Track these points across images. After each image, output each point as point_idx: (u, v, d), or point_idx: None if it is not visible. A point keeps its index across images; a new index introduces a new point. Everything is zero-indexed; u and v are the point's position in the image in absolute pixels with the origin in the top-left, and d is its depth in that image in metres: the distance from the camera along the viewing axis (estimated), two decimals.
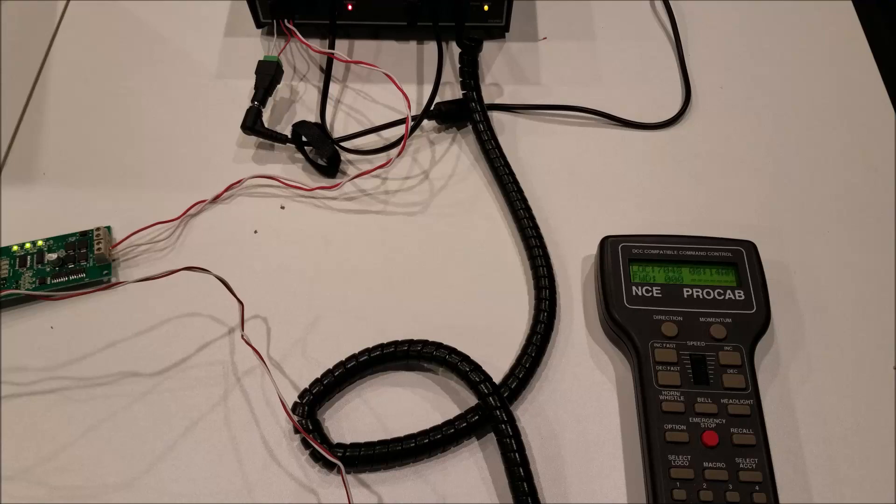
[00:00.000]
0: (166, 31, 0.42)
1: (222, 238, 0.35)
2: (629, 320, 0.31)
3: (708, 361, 0.30)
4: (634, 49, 0.41)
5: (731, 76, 0.40)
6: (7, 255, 0.33)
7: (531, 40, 0.41)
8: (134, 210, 0.35)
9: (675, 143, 0.38)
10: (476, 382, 0.30)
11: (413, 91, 0.39)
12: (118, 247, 0.34)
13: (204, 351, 0.32)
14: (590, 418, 0.31)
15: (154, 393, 0.31)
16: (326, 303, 0.33)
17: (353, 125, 0.38)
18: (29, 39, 0.42)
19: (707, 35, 0.42)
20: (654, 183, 0.37)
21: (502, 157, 0.36)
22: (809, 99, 0.39)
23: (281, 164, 0.37)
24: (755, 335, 0.31)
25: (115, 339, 0.32)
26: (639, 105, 0.39)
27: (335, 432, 0.30)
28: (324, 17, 0.39)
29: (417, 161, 0.38)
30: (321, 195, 0.36)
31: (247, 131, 0.36)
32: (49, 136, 0.38)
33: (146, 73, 0.40)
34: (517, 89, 0.40)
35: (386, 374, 0.32)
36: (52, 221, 0.35)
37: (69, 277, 0.33)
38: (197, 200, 0.35)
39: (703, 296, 0.32)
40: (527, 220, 0.35)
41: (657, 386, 0.30)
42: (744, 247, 0.33)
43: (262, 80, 0.36)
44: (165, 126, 0.38)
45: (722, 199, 0.36)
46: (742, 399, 0.29)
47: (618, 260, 0.32)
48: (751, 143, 0.38)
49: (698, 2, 0.43)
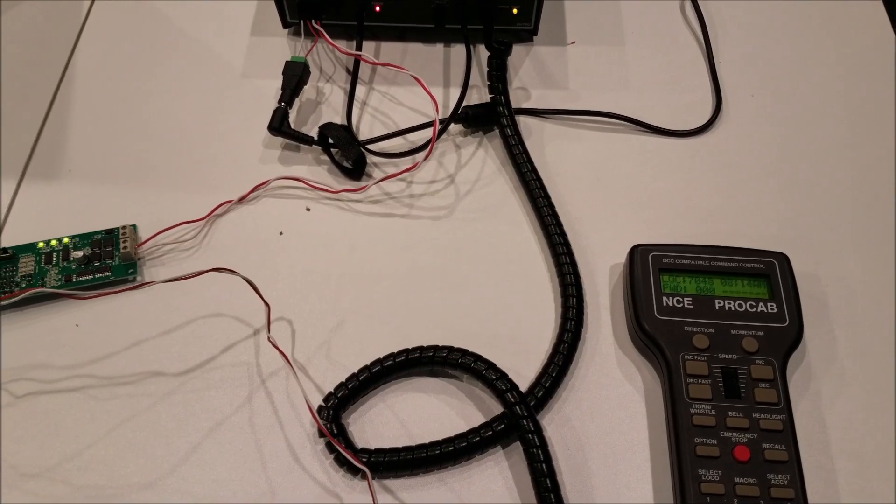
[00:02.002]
0: (192, 29, 0.42)
1: (248, 239, 0.35)
2: (660, 331, 0.31)
3: (739, 375, 0.30)
4: (664, 54, 0.41)
5: (762, 84, 0.40)
6: (32, 251, 0.33)
7: (559, 44, 0.41)
8: (159, 209, 0.35)
9: (705, 152, 0.37)
10: (503, 391, 0.29)
11: (439, 94, 0.39)
12: (144, 245, 0.34)
13: (229, 352, 0.32)
14: (617, 429, 0.30)
15: (178, 393, 0.31)
16: (351, 306, 0.33)
17: (379, 128, 0.38)
18: (55, 36, 0.42)
19: (738, 42, 0.41)
20: (682, 191, 0.36)
21: (529, 163, 0.36)
22: (842, 108, 0.39)
23: (306, 166, 0.37)
24: (787, 349, 0.30)
25: (140, 338, 0.32)
26: (668, 112, 0.38)
27: (359, 437, 0.30)
28: (351, 19, 0.39)
29: (443, 165, 0.37)
30: (346, 197, 0.36)
31: (273, 132, 0.36)
32: (75, 133, 0.38)
33: (172, 71, 0.40)
34: (544, 94, 0.39)
35: (410, 379, 0.31)
36: (77, 219, 0.35)
37: (94, 275, 0.33)
38: (223, 201, 0.35)
39: (734, 308, 0.31)
40: (554, 226, 0.34)
41: (688, 399, 0.29)
42: (776, 259, 0.32)
43: (289, 81, 0.36)
44: (191, 125, 0.38)
45: (752, 208, 0.36)
46: (774, 414, 0.29)
47: (648, 269, 0.32)
48: (782, 153, 0.37)
49: (729, 6, 0.42)
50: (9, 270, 0.33)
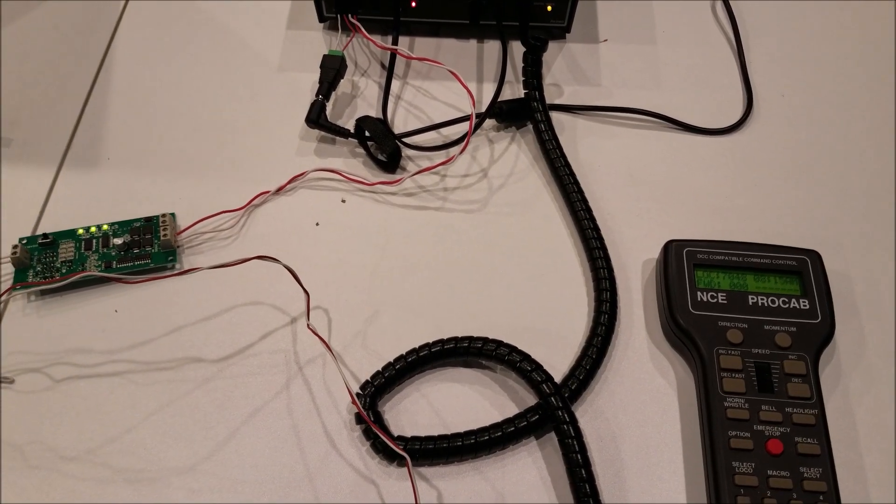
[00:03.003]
0: (230, 22, 0.42)
1: (285, 229, 0.35)
2: (694, 326, 0.31)
3: (773, 370, 0.30)
4: (695, 53, 0.41)
5: (793, 83, 0.40)
6: (73, 237, 0.34)
7: (592, 42, 0.41)
8: (197, 198, 0.36)
9: (737, 150, 0.38)
10: (538, 382, 0.30)
11: (473, 89, 0.39)
12: (183, 234, 0.34)
13: (267, 339, 0.32)
14: (649, 422, 0.30)
15: (217, 379, 0.31)
16: (385, 297, 0.33)
17: (413, 121, 0.38)
18: (93, 27, 0.42)
19: (769, 41, 0.41)
20: (714, 188, 0.36)
21: (563, 158, 0.36)
22: (871, 107, 0.39)
23: (342, 158, 0.37)
24: (820, 345, 0.31)
25: (180, 324, 0.32)
26: (699, 110, 0.39)
27: (394, 425, 0.30)
28: (387, 14, 0.39)
29: (476, 159, 0.38)
30: (381, 190, 0.36)
31: (311, 125, 0.36)
32: (113, 121, 0.39)
33: (209, 63, 0.41)
34: (577, 90, 0.40)
35: (444, 369, 0.32)
36: (116, 206, 0.36)
37: (134, 262, 0.33)
38: (261, 191, 0.35)
39: (767, 304, 0.31)
40: (587, 220, 0.35)
41: (722, 392, 0.30)
42: (808, 256, 0.33)
43: (327, 75, 0.37)
44: (228, 116, 0.39)
45: (782, 207, 0.36)
46: (807, 408, 0.29)
47: (682, 265, 0.32)
48: (812, 152, 0.38)
49: (759, 6, 0.43)
50: (49, 256, 0.33)
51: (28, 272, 0.33)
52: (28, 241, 0.34)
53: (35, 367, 0.31)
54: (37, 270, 0.33)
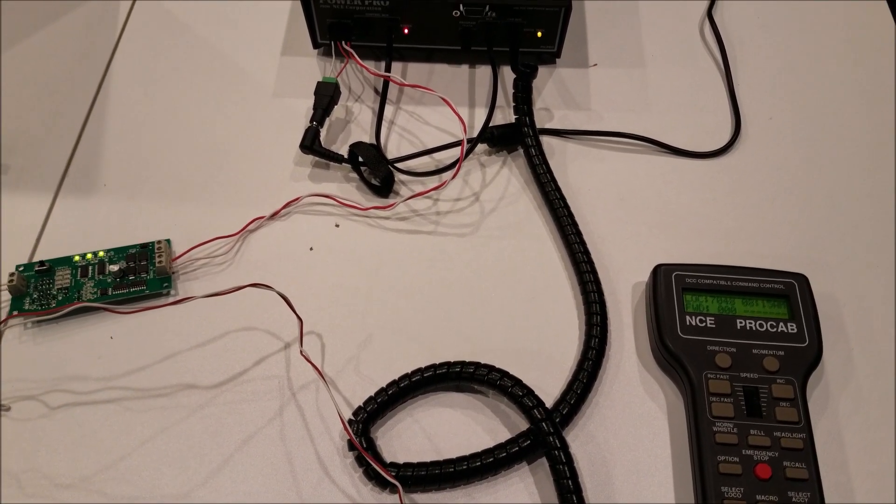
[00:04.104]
0: (225, 49, 0.43)
1: (279, 254, 0.35)
2: (683, 350, 0.31)
3: (761, 394, 0.30)
4: (684, 76, 0.42)
5: (780, 107, 0.41)
6: (69, 264, 0.34)
7: (582, 66, 0.42)
8: (193, 224, 0.36)
9: (725, 173, 0.38)
10: (529, 407, 0.30)
11: (465, 114, 0.40)
12: (178, 260, 0.34)
13: (260, 365, 0.32)
14: (640, 446, 0.31)
15: (211, 406, 0.31)
16: (378, 321, 0.34)
17: (407, 146, 0.39)
18: (90, 54, 0.43)
19: (756, 64, 0.42)
20: (703, 211, 0.37)
21: (553, 182, 0.37)
22: (859, 130, 0.40)
23: (336, 183, 0.38)
24: (807, 368, 0.31)
25: (174, 350, 0.33)
26: (688, 133, 0.39)
27: (387, 451, 0.31)
28: (380, 40, 0.40)
29: (468, 183, 0.38)
30: (375, 214, 0.37)
31: (305, 150, 0.37)
32: (110, 148, 0.39)
33: (205, 89, 0.41)
34: (567, 114, 0.40)
35: (437, 394, 0.32)
36: (112, 233, 0.36)
37: (130, 289, 0.33)
38: (255, 216, 0.36)
39: (755, 327, 0.32)
40: (578, 244, 0.35)
41: (711, 417, 0.30)
42: (796, 280, 0.33)
43: (321, 101, 0.37)
44: (224, 142, 0.39)
45: (771, 229, 0.36)
46: (795, 433, 0.30)
47: (671, 288, 0.33)
48: (800, 174, 0.38)
49: (747, 29, 0.43)
50: (46, 283, 0.33)
51: (25, 299, 0.33)
52: (25, 269, 0.34)
53: (31, 394, 0.32)
54: (33, 298, 0.33)
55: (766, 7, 0.44)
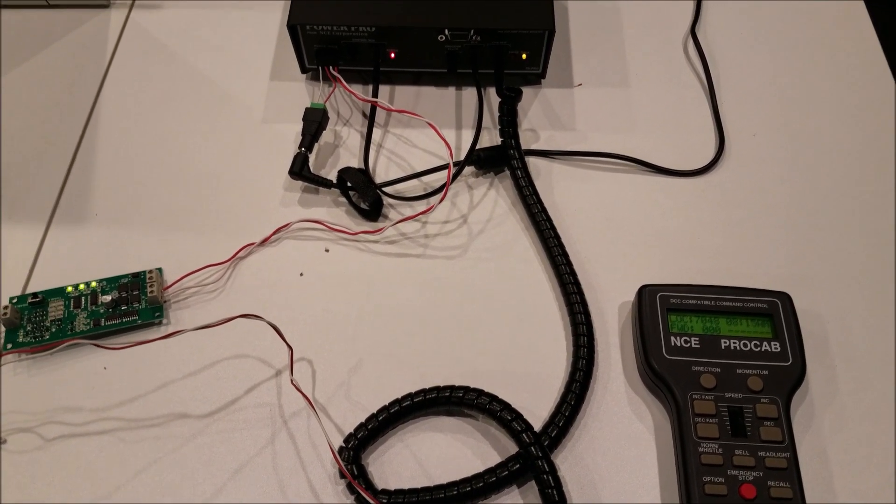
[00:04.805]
0: (214, 75, 0.43)
1: (269, 280, 0.36)
2: (668, 371, 0.32)
3: (745, 414, 0.31)
4: (668, 96, 0.42)
5: (763, 124, 0.41)
6: (62, 295, 0.35)
7: (567, 87, 0.42)
8: (184, 251, 0.37)
9: (710, 191, 0.39)
10: (518, 431, 0.30)
11: (451, 135, 0.40)
12: (170, 289, 0.35)
13: (252, 393, 0.33)
14: (628, 467, 0.31)
15: (203, 435, 0.32)
16: (369, 345, 0.34)
17: (395, 170, 0.39)
18: (79, 83, 0.43)
19: (739, 82, 0.43)
20: (688, 230, 0.37)
21: (539, 203, 0.37)
22: (841, 147, 0.40)
23: (325, 208, 0.38)
24: (791, 387, 0.32)
25: (166, 380, 0.33)
26: (673, 152, 0.40)
27: (378, 477, 0.31)
28: (367, 64, 0.40)
29: (456, 205, 0.38)
30: (364, 238, 0.37)
31: (294, 177, 0.37)
32: (100, 177, 0.39)
33: (195, 116, 0.42)
34: (553, 135, 0.41)
35: (427, 419, 0.32)
36: (104, 262, 0.36)
37: (122, 319, 0.34)
38: (246, 243, 0.36)
39: (739, 347, 0.32)
40: (564, 265, 0.35)
41: (696, 438, 0.30)
42: (779, 298, 0.33)
43: (309, 127, 0.38)
44: (214, 169, 0.40)
45: (756, 246, 0.37)
46: (779, 452, 0.30)
47: (656, 310, 0.33)
48: (784, 191, 0.39)
49: (731, 47, 0.44)
50: (39, 315, 0.34)
51: (19, 332, 0.33)
52: (18, 301, 0.34)
53: (26, 426, 0.32)
54: (27, 330, 0.34)
55: (749, 25, 0.45)
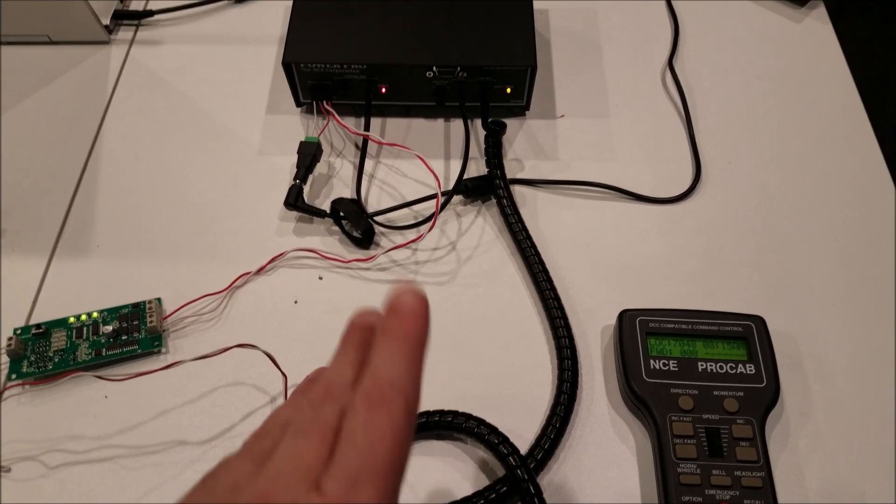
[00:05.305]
0: (212, 109, 0.45)
1: (265, 309, 0.37)
2: (648, 393, 0.33)
3: (722, 434, 0.32)
4: (647, 126, 0.44)
5: (739, 151, 0.43)
6: (64, 326, 0.36)
7: (550, 118, 0.44)
8: (182, 281, 0.38)
9: (687, 217, 0.40)
10: (505, 455, 0.32)
11: (441, 165, 0.42)
12: (168, 318, 0.36)
13: (248, 420, 0.34)
14: (612, 488, 0.32)
15: (202, 461, 0.33)
16: None
17: (387, 199, 0.41)
18: (81, 118, 0.44)
19: (716, 112, 0.44)
20: (667, 255, 0.39)
21: (524, 231, 0.39)
22: (813, 174, 0.42)
23: (319, 237, 0.40)
24: (766, 408, 0.33)
25: (165, 408, 0.34)
26: (652, 179, 0.42)
27: None
28: (360, 98, 0.42)
29: (445, 233, 0.40)
30: (357, 266, 0.38)
31: (289, 207, 0.39)
32: (102, 209, 0.41)
33: (193, 149, 0.43)
34: (537, 164, 0.42)
35: (417, 442, 0.34)
36: (106, 292, 0.38)
37: (123, 349, 0.35)
38: (242, 272, 0.38)
39: (716, 370, 0.34)
40: (549, 290, 0.37)
41: (675, 459, 0.32)
42: (753, 321, 0.35)
43: (304, 160, 0.39)
44: (212, 200, 0.41)
45: (731, 271, 0.38)
46: (755, 471, 0.31)
47: (636, 333, 0.35)
48: (758, 217, 0.40)
49: (707, 77, 0.46)
50: (42, 346, 0.35)
51: (23, 362, 0.35)
52: (22, 332, 0.35)
53: (30, 454, 0.33)
54: (31, 360, 0.35)
55: (724, 56, 0.47)
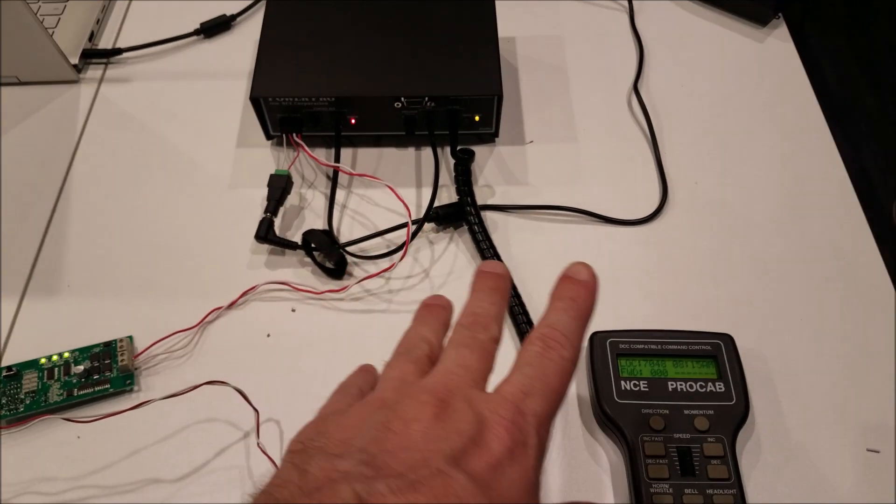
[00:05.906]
0: (182, 143, 0.45)
1: (237, 343, 0.37)
2: (620, 415, 0.33)
3: (693, 453, 0.32)
4: (614, 149, 0.45)
5: (704, 171, 0.44)
6: (35, 367, 0.35)
7: (519, 144, 0.45)
8: (154, 318, 0.38)
9: (655, 238, 0.41)
10: None
11: (412, 194, 0.43)
12: (140, 356, 0.36)
13: (221, 456, 0.34)
14: None
15: (176, 499, 0.33)
16: None
17: (359, 229, 0.41)
18: (51, 157, 0.45)
19: (681, 134, 0.45)
20: (636, 276, 0.40)
21: (496, 256, 0.39)
22: (778, 191, 0.43)
23: (292, 269, 0.40)
24: (736, 426, 0.33)
25: (138, 447, 0.34)
26: (620, 202, 0.42)
27: None
28: (329, 130, 0.43)
29: (418, 260, 0.40)
30: (329, 297, 0.39)
31: (260, 241, 0.39)
32: (73, 248, 0.41)
33: (163, 185, 0.43)
34: (507, 189, 0.43)
35: None
36: (77, 332, 0.37)
37: (94, 388, 0.35)
38: (213, 308, 0.38)
39: (686, 389, 0.34)
40: (521, 315, 0.37)
41: (648, 479, 0.32)
42: (722, 340, 0.35)
43: (274, 192, 0.40)
44: (182, 236, 0.41)
45: (700, 289, 0.39)
46: (726, 489, 0.32)
47: (606, 355, 0.35)
48: (725, 236, 0.41)
49: (672, 99, 0.47)
50: (14, 388, 0.35)
51: None
52: None
53: (3, 498, 0.33)
54: (2, 403, 0.34)
55: (688, 79, 0.48)
